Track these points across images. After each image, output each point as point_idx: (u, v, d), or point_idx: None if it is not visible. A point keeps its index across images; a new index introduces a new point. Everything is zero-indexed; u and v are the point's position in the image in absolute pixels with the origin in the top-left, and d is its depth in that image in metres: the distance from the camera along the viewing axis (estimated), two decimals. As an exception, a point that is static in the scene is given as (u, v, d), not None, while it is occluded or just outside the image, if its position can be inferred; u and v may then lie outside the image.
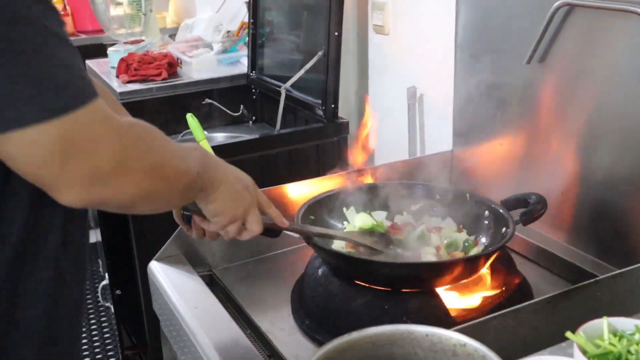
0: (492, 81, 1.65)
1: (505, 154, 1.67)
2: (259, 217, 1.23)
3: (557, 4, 1.41)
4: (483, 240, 1.46)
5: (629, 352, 0.93)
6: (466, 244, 1.43)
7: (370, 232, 1.44)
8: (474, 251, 1.40)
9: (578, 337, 0.95)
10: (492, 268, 1.40)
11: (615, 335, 0.97)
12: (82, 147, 0.84)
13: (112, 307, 2.38)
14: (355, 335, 0.92)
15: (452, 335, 0.90)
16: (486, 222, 1.47)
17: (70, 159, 0.83)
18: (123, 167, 0.88)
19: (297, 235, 1.37)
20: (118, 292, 2.28)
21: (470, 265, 1.32)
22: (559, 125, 1.51)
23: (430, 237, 1.45)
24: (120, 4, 3.12)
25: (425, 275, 1.33)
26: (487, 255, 1.32)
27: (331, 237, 1.41)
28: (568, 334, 0.96)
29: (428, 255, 1.40)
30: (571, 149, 1.50)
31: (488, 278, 1.39)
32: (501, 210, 1.43)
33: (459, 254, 1.41)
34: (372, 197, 1.57)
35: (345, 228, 1.52)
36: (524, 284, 1.41)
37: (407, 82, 2.00)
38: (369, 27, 2.17)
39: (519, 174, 1.62)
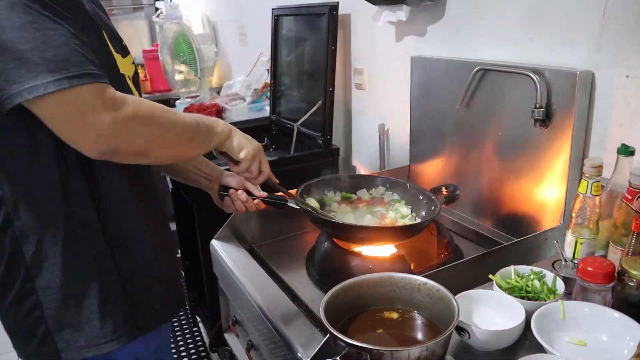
0: (434, 119, 1.67)
1: (443, 167, 1.68)
2: (267, 162, 1.16)
3: (476, 68, 1.44)
4: (422, 213, 1.43)
5: (527, 285, 1.00)
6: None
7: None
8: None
9: (496, 277, 1.02)
10: (438, 240, 1.41)
11: (518, 276, 1.04)
12: (82, 112, 0.79)
13: (182, 272, 2.39)
14: (356, 279, 0.97)
15: (417, 278, 0.96)
16: (423, 202, 1.45)
17: (75, 120, 0.79)
18: (118, 123, 0.82)
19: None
20: (187, 262, 2.29)
21: (410, 230, 1.31)
22: (477, 148, 1.53)
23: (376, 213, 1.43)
24: (182, 72, 3.16)
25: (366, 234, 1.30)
26: (421, 224, 1.32)
27: (298, 201, 1.34)
28: (490, 275, 1.02)
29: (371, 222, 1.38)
30: (484, 164, 1.51)
31: (436, 246, 1.41)
32: (431, 195, 1.43)
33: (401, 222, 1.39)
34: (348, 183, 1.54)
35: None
36: (458, 249, 1.43)
37: (378, 120, 2.01)
38: (352, 84, 2.18)
39: (452, 179, 1.63)
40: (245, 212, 1.23)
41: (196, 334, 2.61)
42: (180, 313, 2.78)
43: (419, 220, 1.42)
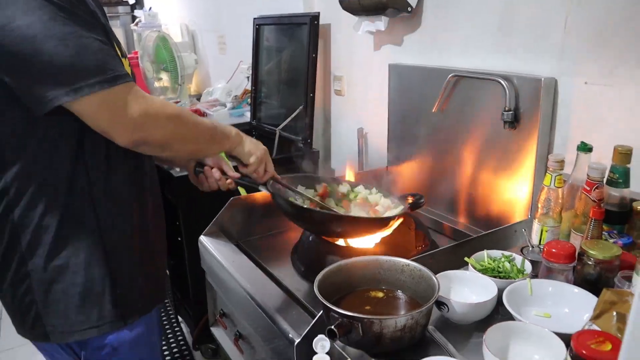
0: (411, 123, 1.77)
1: (420, 167, 1.77)
2: (272, 163, 1.28)
3: (450, 75, 1.55)
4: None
5: (498, 266, 1.11)
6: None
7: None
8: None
9: (471, 260, 1.12)
10: (416, 234, 1.48)
11: (491, 259, 1.15)
12: (120, 108, 0.90)
13: (168, 272, 2.42)
14: (345, 261, 1.07)
15: (400, 260, 1.06)
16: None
17: (115, 115, 0.91)
18: (149, 118, 0.93)
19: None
20: (172, 262, 2.33)
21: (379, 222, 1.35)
22: (451, 149, 1.63)
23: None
24: (161, 79, 3.21)
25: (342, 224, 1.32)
26: (388, 219, 1.36)
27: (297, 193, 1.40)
28: (465, 258, 1.13)
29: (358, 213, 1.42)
30: (457, 164, 1.62)
31: (414, 240, 1.48)
32: (397, 199, 1.48)
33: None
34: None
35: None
36: (434, 244, 1.51)
37: (357, 125, 2.10)
38: (332, 91, 2.28)
39: (428, 179, 1.73)
40: (217, 190, 1.29)
41: (178, 334, 2.65)
42: (162, 314, 2.81)
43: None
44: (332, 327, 0.87)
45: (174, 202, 2.12)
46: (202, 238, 1.63)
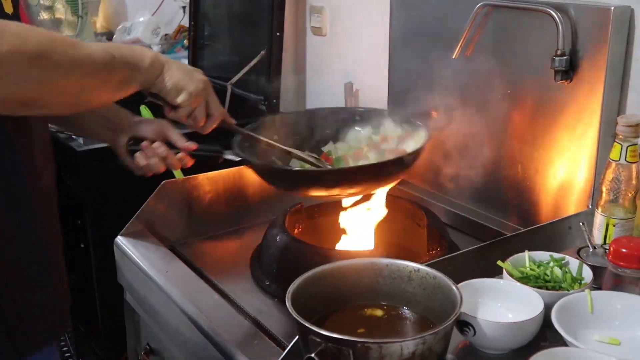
0: (422, 75, 1.77)
1: (434, 138, 1.66)
2: (218, 101, 1.21)
3: (479, 4, 1.55)
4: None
5: (545, 274, 1.14)
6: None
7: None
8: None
9: (506, 264, 1.15)
10: (428, 233, 1.52)
11: (534, 263, 1.17)
12: None
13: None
14: (329, 266, 1.08)
15: (407, 264, 1.07)
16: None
17: None
18: None
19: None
20: (72, 276, 2.29)
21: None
22: (479, 111, 1.61)
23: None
24: (52, 7, 3.15)
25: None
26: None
27: (270, 146, 1.45)
28: (499, 262, 1.16)
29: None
30: (488, 132, 1.63)
31: (425, 241, 1.53)
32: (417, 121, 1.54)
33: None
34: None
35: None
36: (453, 246, 1.54)
37: (344, 78, 2.09)
38: (307, 29, 2.27)
39: (446, 154, 1.72)
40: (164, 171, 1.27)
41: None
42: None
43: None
44: (312, 355, 0.89)
45: (77, 190, 2.10)
46: (121, 240, 1.63)
